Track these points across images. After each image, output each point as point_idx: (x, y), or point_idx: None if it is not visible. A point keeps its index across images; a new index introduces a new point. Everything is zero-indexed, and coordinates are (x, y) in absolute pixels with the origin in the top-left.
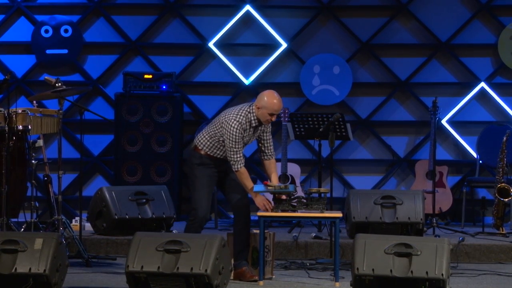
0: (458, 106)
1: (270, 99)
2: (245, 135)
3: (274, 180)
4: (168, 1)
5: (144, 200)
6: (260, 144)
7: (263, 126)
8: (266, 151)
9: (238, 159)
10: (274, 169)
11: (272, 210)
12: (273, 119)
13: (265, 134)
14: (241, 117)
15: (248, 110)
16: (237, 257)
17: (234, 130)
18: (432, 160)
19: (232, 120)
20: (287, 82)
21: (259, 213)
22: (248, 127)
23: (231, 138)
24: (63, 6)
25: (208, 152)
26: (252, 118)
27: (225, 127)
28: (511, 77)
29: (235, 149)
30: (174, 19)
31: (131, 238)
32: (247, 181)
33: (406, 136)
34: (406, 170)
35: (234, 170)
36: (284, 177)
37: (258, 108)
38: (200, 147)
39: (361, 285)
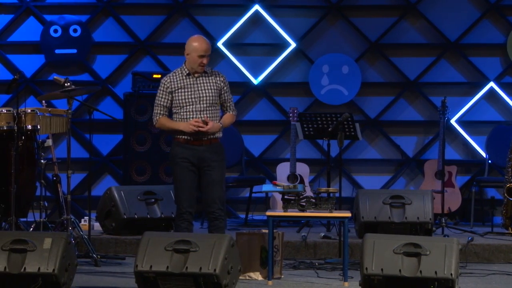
0: (467, 106)
1: (193, 42)
2: (178, 85)
3: (222, 120)
4: (177, 1)
5: (153, 200)
6: (222, 107)
7: (215, 80)
8: (226, 109)
9: (155, 113)
10: (226, 118)
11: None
12: (205, 61)
13: (224, 94)
14: (169, 73)
15: (180, 66)
16: None
17: (160, 85)
18: (441, 160)
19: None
20: (296, 82)
21: (268, 213)
22: (179, 78)
23: (157, 94)
24: (72, 6)
25: (182, 136)
26: (183, 68)
27: None
28: None
29: (156, 104)
30: (183, 19)
31: (140, 238)
32: (169, 124)
33: (415, 136)
34: (415, 170)
35: (154, 125)
36: (293, 176)
37: (188, 54)
38: (176, 136)
39: (370, 285)
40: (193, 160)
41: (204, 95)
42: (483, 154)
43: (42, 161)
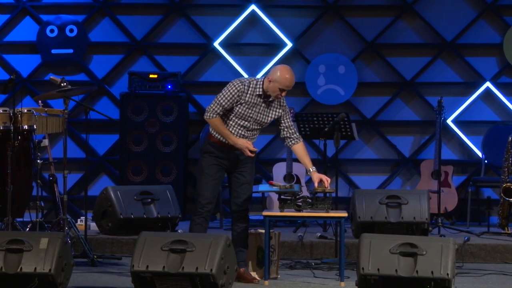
0: (464, 106)
1: (283, 74)
2: (247, 99)
3: (309, 164)
4: (173, 1)
5: (150, 200)
6: (283, 131)
7: (279, 109)
8: (291, 135)
9: (213, 109)
10: (305, 153)
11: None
12: (283, 95)
13: (286, 120)
14: (245, 80)
15: (257, 79)
16: (236, 257)
17: (233, 86)
18: (438, 160)
19: (236, 80)
20: None
21: (265, 213)
22: (251, 93)
23: (224, 91)
24: (68, 5)
25: (218, 136)
26: (258, 87)
27: (227, 85)
28: None
29: (218, 99)
30: (180, 19)
31: (136, 238)
32: (222, 129)
33: (411, 136)
34: (411, 169)
35: (204, 117)
36: (289, 176)
37: (270, 81)
38: (212, 133)
39: (366, 284)
40: (226, 162)
41: (262, 120)
42: (479, 154)
43: (38, 161)
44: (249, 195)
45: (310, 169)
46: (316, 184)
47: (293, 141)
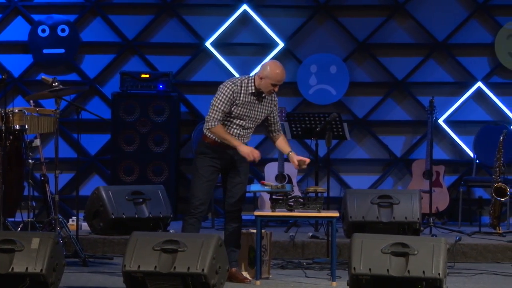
0: (455, 106)
1: (273, 69)
2: (242, 100)
3: (288, 148)
4: (165, 1)
5: (141, 200)
6: (270, 126)
7: (271, 104)
8: (276, 131)
9: (214, 117)
10: (286, 141)
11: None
12: (276, 89)
13: (275, 116)
14: (237, 81)
15: (247, 78)
16: (228, 257)
17: (225, 88)
18: (429, 160)
19: (227, 81)
20: (284, 82)
21: (256, 213)
22: (244, 92)
23: (218, 96)
24: (60, 5)
25: (212, 137)
26: (250, 85)
27: (219, 89)
28: (508, 77)
29: (215, 106)
30: (171, 19)
31: (128, 238)
32: (226, 136)
33: (403, 136)
34: (403, 169)
35: (205, 128)
36: (281, 176)
37: (261, 78)
38: (207, 134)
39: (358, 284)
40: (221, 163)
41: (257, 117)
42: (471, 154)
43: (30, 161)
44: (243, 195)
45: (289, 152)
46: (296, 162)
47: (274, 133)
